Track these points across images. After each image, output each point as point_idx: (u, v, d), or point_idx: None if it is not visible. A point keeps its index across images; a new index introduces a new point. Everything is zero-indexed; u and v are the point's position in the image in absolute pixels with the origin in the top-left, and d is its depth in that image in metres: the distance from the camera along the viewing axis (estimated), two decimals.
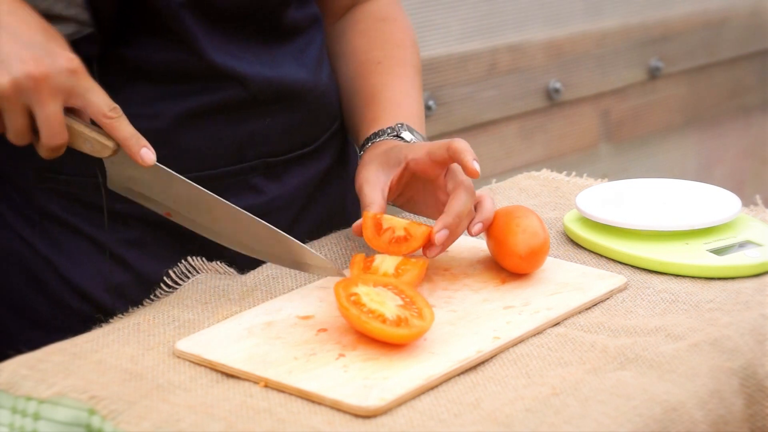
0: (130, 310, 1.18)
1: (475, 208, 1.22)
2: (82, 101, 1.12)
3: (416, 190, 1.27)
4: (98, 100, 1.13)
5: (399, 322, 1.07)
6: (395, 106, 1.37)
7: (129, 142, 1.14)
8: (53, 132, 1.11)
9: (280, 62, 1.32)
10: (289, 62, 1.33)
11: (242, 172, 1.31)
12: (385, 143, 1.30)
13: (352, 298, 1.09)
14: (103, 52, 1.23)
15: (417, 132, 1.32)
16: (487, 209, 1.22)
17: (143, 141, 1.15)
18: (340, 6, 1.47)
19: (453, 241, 1.20)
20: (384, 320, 1.07)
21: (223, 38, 1.27)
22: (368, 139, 1.33)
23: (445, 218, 1.18)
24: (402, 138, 1.30)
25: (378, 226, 1.20)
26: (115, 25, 1.22)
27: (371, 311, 1.08)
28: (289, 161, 1.35)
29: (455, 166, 1.21)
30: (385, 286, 1.12)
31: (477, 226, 1.20)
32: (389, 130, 1.32)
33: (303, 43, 1.36)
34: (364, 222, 1.20)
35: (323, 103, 1.39)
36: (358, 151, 1.34)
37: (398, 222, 1.20)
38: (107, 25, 1.22)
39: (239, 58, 1.28)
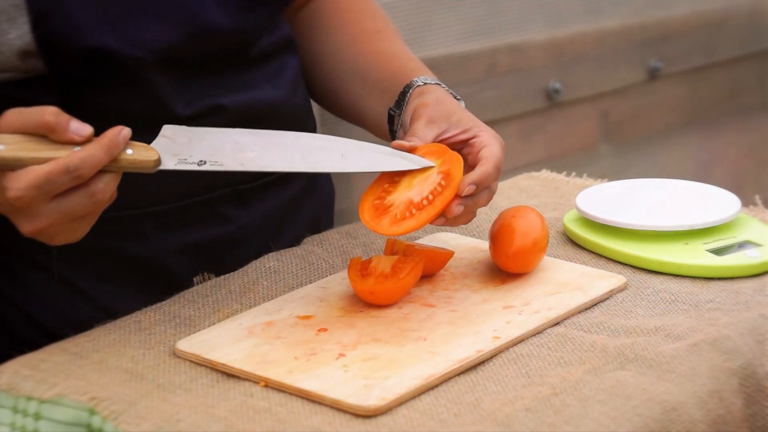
0: None
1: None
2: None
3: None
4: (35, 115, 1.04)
5: (379, 209, 1.14)
6: (423, 66, 1.34)
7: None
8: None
9: (255, 85, 1.31)
10: (263, 84, 1.31)
11: (211, 201, 1.28)
12: (444, 92, 1.26)
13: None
14: (61, 98, 1.19)
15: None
16: (483, 171, 1.17)
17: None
18: None
19: (468, 212, 1.17)
20: (379, 198, 1.15)
21: (191, 85, 1.25)
22: (416, 82, 1.28)
23: (472, 176, 1.15)
24: (454, 95, 1.27)
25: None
26: (74, 75, 1.19)
27: (390, 185, 1.15)
28: (259, 188, 1.33)
29: (490, 146, 1.19)
30: (445, 177, 1.14)
31: (469, 187, 1.15)
32: (437, 82, 1.28)
33: (276, 67, 1.34)
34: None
35: (299, 122, 1.37)
36: (405, 93, 1.28)
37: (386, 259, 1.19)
38: (65, 76, 1.19)
39: (209, 96, 1.26)
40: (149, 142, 1.10)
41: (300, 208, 1.38)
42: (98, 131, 1.18)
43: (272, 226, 1.35)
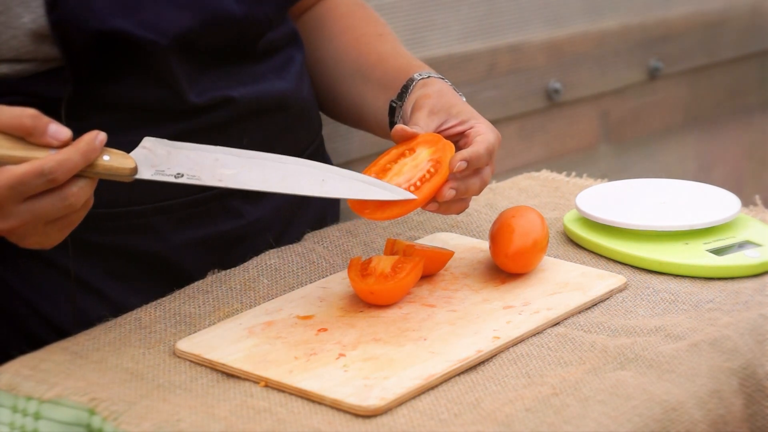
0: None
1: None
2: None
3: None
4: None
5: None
6: (425, 65, 1.35)
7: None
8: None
9: (263, 78, 1.32)
10: (272, 77, 1.33)
11: (221, 196, 1.29)
12: (446, 85, 1.28)
13: (407, 150, 1.17)
14: (75, 89, 1.20)
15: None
16: (475, 150, 1.17)
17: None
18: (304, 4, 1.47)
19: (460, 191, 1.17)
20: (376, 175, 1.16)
21: (203, 74, 1.26)
22: (419, 75, 1.29)
23: (463, 153, 1.16)
24: (456, 90, 1.28)
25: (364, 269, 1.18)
26: (88, 60, 1.19)
27: (380, 172, 1.16)
28: None
29: (482, 135, 1.20)
30: (436, 164, 1.15)
31: (460, 164, 1.15)
32: (441, 76, 1.30)
33: (283, 60, 1.35)
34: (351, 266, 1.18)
35: (305, 115, 1.38)
36: (407, 86, 1.29)
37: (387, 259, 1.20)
38: (80, 63, 1.19)
39: (220, 87, 1.27)
40: (161, 135, 1.10)
41: (309, 203, 1.39)
42: (112, 123, 1.19)
43: (282, 221, 1.35)
